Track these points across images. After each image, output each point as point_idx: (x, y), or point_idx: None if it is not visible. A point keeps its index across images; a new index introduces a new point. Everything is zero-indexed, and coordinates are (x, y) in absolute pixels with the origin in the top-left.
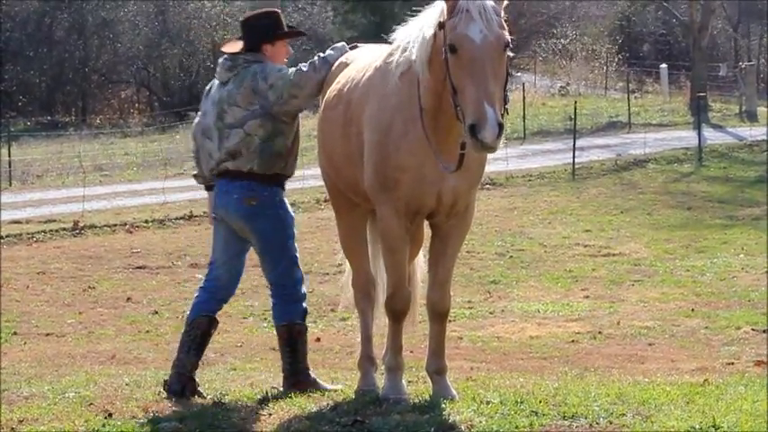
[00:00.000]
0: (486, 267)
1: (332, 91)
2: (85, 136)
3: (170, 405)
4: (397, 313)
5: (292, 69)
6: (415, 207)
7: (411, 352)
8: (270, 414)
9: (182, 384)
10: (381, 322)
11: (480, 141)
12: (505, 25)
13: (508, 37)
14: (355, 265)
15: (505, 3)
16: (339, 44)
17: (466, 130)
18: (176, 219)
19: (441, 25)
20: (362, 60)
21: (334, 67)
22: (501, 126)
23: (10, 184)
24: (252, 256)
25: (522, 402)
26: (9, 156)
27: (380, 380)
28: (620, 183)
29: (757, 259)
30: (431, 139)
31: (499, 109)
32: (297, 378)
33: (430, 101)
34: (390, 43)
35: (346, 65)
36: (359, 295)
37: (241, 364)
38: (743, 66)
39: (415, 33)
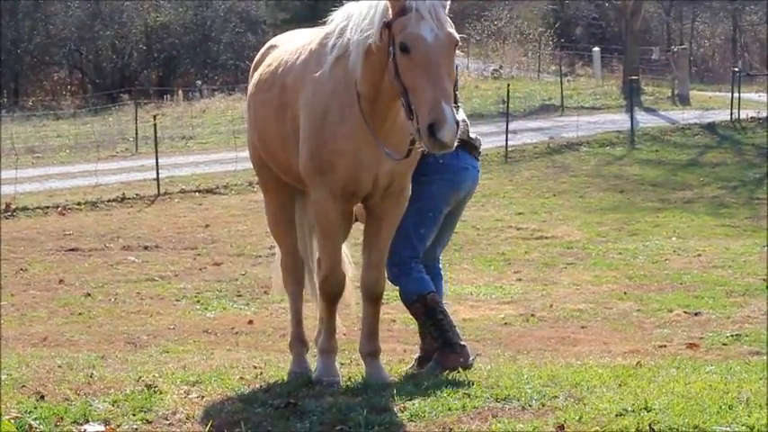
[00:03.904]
0: None
1: (264, 74)
2: (17, 118)
3: (102, 387)
4: (332, 296)
5: None
6: (351, 190)
7: (344, 334)
8: (202, 396)
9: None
10: (313, 304)
11: (439, 141)
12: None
13: (457, 35)
14: (284, 247)
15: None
16: None
17: (423, 130)
18: (109, 201)
19: (386, 24)
20: (294, 43)
21: (262, 51)
22: (458, 124)
23: None
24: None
25: (454, 384)
26: None
27: (313, 362)
28: (552, 166)
29: (689, 242)
30: (369, 124)
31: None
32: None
33: (365, 89)
34: (324, 25)
35: (275, 47)
36: (288, 277)
37: (174, 347)
38: (675, 49)
39: (354, 21)
